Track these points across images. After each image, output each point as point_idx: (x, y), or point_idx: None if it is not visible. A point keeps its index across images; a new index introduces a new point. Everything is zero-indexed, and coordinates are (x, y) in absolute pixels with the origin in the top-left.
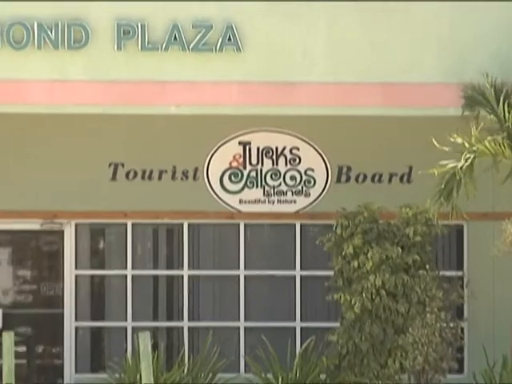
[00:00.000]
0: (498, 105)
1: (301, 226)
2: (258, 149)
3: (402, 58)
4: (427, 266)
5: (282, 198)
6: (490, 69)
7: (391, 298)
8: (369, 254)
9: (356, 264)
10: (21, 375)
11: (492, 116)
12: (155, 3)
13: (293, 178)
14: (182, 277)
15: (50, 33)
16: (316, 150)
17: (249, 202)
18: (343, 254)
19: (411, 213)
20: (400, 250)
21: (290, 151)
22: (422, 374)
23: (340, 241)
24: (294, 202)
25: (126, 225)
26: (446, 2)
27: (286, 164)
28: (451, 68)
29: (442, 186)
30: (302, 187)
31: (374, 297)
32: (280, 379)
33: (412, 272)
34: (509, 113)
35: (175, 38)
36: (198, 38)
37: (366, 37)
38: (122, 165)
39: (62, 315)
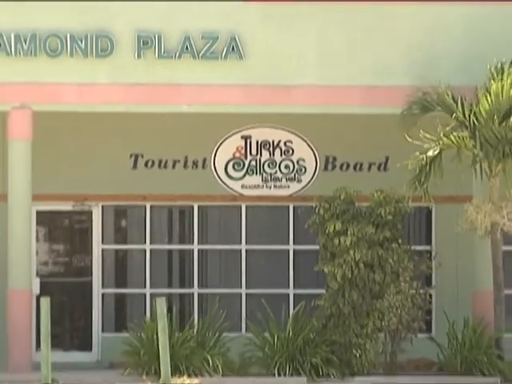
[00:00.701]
0: (457, 106)
1: (293, 207)
2: (258, 142)
3: (379, 65)
4: (399, 241)
5: (278, 183)
6: (456, 75)
7: (368, 269)
8: (348, 232)
9: (337, 241)
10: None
11: (456, 115)
12: (170, 17)
13: (287, 166)
14: (193, 250)
15: (80, 43)
16: (306, 143)
17: (249, 187)
18: (326, 232)
19: (382, 196)
20: (374, 227)
21: (285, 144)
22: (396, 333)
23: (322, 221)
24: (288, 187)
25: (145, 206)
26: (419, 17)
27: (281, 155)
28: (421, 74)
29: (416, 173)
30: (295, 174)
31: (353, 268)
32: (275, 337)
33: (386, 246)
34: (470, 112)
35: (187, 47)
36: (206, 47)
37: (350, 47)
38: (142, 155)
39: (90, 283)
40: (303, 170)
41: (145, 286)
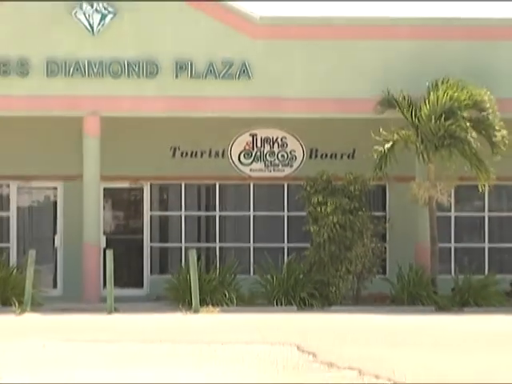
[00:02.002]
0: (408, 109)
1: (288, 185)
2: (261, 138)
3: (348, 83)
4: (364, 209)
5: (276, 168)
6: (402, 86)
7: (342, 229)
8: (328, 203)
9: (319, 209)
10: (117, 276)
11: (405, 116)
12: (199, 49)
13: (282, 156)
14: (215, 216)
15: (134, 67)
16: (296, 139)
17: (256, 170)
18: (312, 202)
19: (352, 177)
20: (346, 199)
21: (281, 139)
22: (361, 275)
23: (309, 195)
24: (283, 170)
25: (181, 184)
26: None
27: (278, 147)
28: (380, 88)
29: (377, 161)
30: (288, 161)
31: (331, 229)
32: (274, 278)
33: (354, 213)
34: (414, 115)
35: (211, 71)
36: (224, 70)
37: (327, 70)
38: (179, 148)
39: (142, 239)
40: (294, 158)
41: (181, 242)
